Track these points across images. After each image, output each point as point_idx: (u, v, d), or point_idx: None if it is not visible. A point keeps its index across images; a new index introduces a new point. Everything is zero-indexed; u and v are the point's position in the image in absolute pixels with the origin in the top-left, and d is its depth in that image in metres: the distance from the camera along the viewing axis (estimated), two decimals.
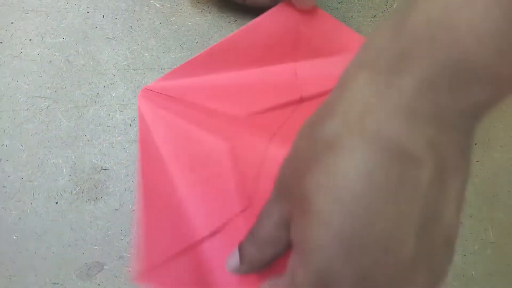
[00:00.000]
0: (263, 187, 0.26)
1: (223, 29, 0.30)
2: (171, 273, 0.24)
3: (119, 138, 0.28)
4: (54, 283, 0.26)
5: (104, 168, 0.27)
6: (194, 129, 0.27)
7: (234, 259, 0.23)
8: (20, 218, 0.26)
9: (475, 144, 0.29)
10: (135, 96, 0.28)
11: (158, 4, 0.30)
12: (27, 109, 0.28)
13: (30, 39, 0.29)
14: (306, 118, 0.26)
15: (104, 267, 0.26)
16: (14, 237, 0.26)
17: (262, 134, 0.27)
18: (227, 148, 0.26)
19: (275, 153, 0.26)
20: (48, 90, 0.28)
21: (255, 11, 0.30)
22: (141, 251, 0.24)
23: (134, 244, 0.25)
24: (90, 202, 0.27)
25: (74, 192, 0.27)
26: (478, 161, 0.29)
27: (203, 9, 0.30)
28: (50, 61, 0.29)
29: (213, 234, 0.25)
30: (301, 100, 0.27)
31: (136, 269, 0.24)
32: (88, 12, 0.29)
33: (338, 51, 0.29)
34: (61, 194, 0.27)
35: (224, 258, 0.24)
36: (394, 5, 0.31)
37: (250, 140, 0.27)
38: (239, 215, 0.25)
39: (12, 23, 0.29)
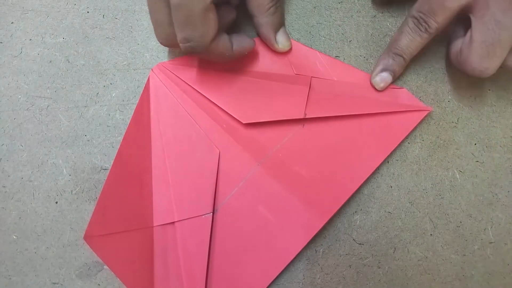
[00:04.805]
0: (233, 203, 0.26)
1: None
2: (116, 246, 0.25)
3: (119, 138, 0.28)
4: (54, 283, 0.26)
5: (104, 168, 0.27)
6: (194, 122, 0.27)
7: (382, 79, 0.28)
8: (20, 218, 0.26)
9: (475, 144, 0.29)
10: (135, 96, 0.28)
11: None
12: (27, 109, 0.28)
13: (30, 39, 0.29)
14: (304, 143, 0.27)
15: (104, 267, 0.26)
16: (14, 237, 0.26)
17: (254, 153, 0.27)
18: (218, 153, 0.27)
19: (258, 177, 0.27)
20: (48, 90, 0.28)
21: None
22: (100, 216, 0.25)
23: (98, 205, 0.25)
24: (90, 202, 0.27)
25: (74, 192, 0.27)
26: (478, 161, 0.29)
27: None
28: (50, 61, 0.29)
29: (169, 224, 0.26)
30: (304, 119, 0.27)
31: (90, 230, 0.25)
32: (88, 12, 0.29)
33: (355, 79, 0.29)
34: (61, 194, 0.27)
35: (176, 246, 0.26)
36: (394, 5, 0.31)
37: (241, 155, 0.27)
38: (200, 217, 0.26)
39: (12, 23, 0.29)
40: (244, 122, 0.27)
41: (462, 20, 0.27)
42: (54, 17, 0.29)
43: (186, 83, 0.27)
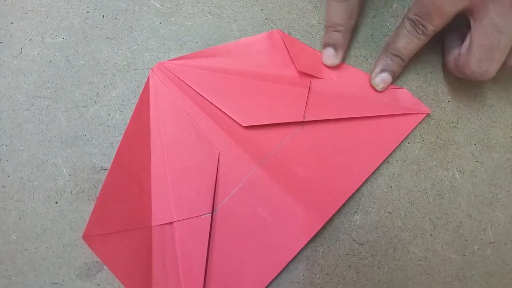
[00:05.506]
0: (232, 204, 0.26)
1: (223, 29, 0.30)
2: (115, 245, 0.25)
3: (119, 138, 0.28)
4: (54, 283, 0.26)
5: (104, 168, 0.27)
6: (193, 122, 0.27)
7: (382, 79, 0.28)
8: (20, 218, 0.26)
9: (475, 144, 0.29)
10: (135, 96, 0.28)
11: (158, 4, 0.30)
12: (27, 109, 0.28)
13: (30, 39, 0.29)
14: (303, 144, 0.27)
15: (104, 267, 0.26)
16: (14, 237, 0.26)
17: (254, 154, 0.27)
18: (217, 154, 0.27)
19: (258, 178, 0.26)
20: (48, 90, 0.28)
21: (254, 12, 0.30)
22: (99, 215, 0.25)
23: (97, 204, 0.25)
24: (90, 202, 0.27)
25: (74, 192, 0.27)
26: (477, 161, 0.29)
27: (203, 9, 0.30)
28: (50, 61, 0.29)
29: (168, 224, 0.26)
30: (303, 122, 0.28)
31: (89, 229, 0.25)
32: (88, 12, 0.29)
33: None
34: (61, 194, 0.27)
35: (174, 246, 0.25)
36: (394, 6, 0.31)
37: (240, 156, 0.27)
38: (199, 217, 0.26)
39: (12, 23, 0.29)
40: (244, 125, 0.27)
41: (457, 29, 0.27)
42: (54, 17, 0.29)
43: (185, 83, 0.27)
